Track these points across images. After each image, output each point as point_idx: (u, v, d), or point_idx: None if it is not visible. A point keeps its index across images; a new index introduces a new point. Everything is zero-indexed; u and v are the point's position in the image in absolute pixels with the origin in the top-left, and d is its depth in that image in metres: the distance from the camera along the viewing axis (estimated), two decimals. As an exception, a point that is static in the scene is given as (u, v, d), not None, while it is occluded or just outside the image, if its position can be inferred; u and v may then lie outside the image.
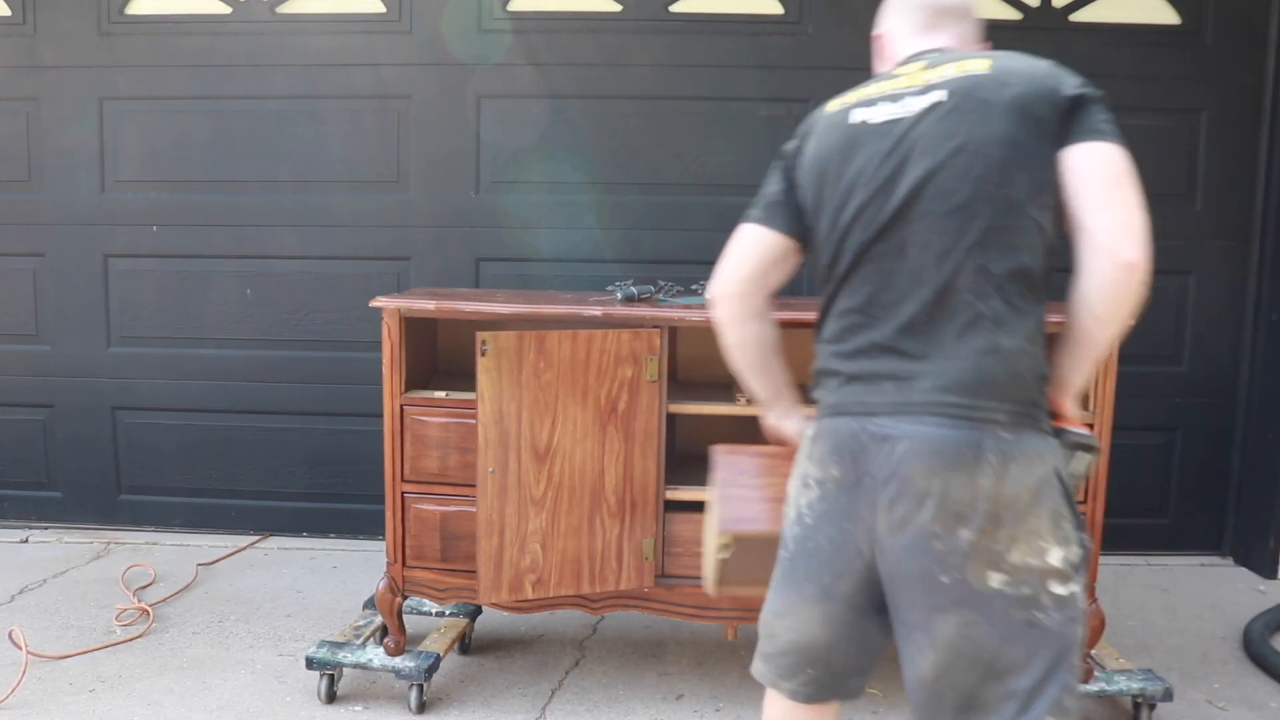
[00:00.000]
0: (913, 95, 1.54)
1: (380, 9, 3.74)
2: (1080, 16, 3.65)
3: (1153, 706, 2.50)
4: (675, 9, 3.69)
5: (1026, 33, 3.64)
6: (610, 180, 3.74)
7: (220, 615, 3.18)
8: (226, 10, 3.78)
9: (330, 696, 2.61)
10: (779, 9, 3.68)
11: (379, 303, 2.55)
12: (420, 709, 2.57)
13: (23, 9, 3.80)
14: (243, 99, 3.79)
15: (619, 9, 3.70)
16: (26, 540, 3.86)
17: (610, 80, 3.71)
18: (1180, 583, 3.57)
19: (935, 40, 1.68)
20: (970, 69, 1.52)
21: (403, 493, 2.57)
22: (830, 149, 1.61)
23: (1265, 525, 3.65)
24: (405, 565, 2.59)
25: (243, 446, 3.92)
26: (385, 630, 2.72)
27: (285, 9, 3.77)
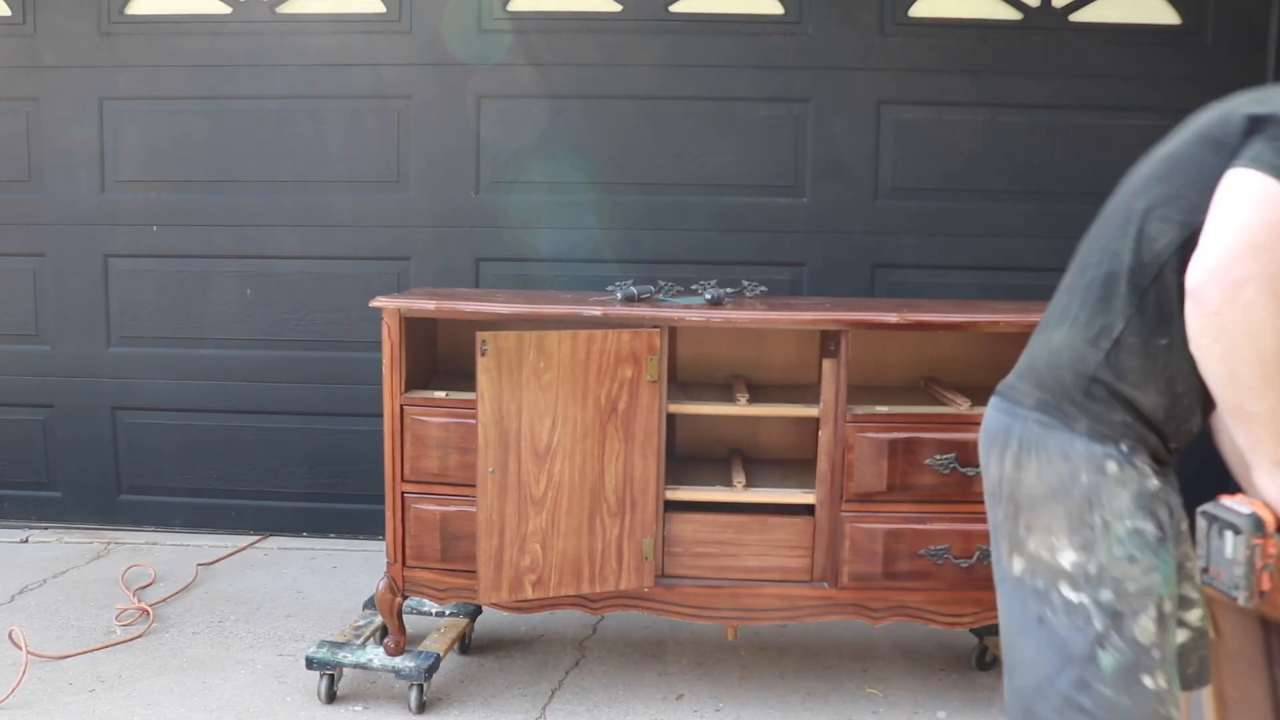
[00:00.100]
0: None
1: (380, 9, 3.74)
2: (1080, 16, 3.65)
3: (1153, 706, 2.50)
4: (675, 9, 3.69)
5: (1026, 33, 3.64)
6: (610, 180, 3.73)
7: (220, 615, 3.18)
8: (226, 10, 3.78)
9: (330, 696, 2.61)
10: (779, 9, 3.68)
11: (379, 303, 2.55)
12: (420, 709, 2.57)
13: (23, 9, 3.80)
14: (243, 99, 3.79)
15: (619, 9, 3.70)
16: (26, 540, 3.86)
17: (610, 80, 3.71)
18: (1180, 583, 3.56)
19: None
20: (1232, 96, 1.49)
21: (403, 493, 2.57)
22: None
23: (1265, 525, 3.64)
24: (405, 565, 2.59)
25: (243, 446, 3.91)
26: (385, 630, 2.72)
27: (285, 9, 3.77)
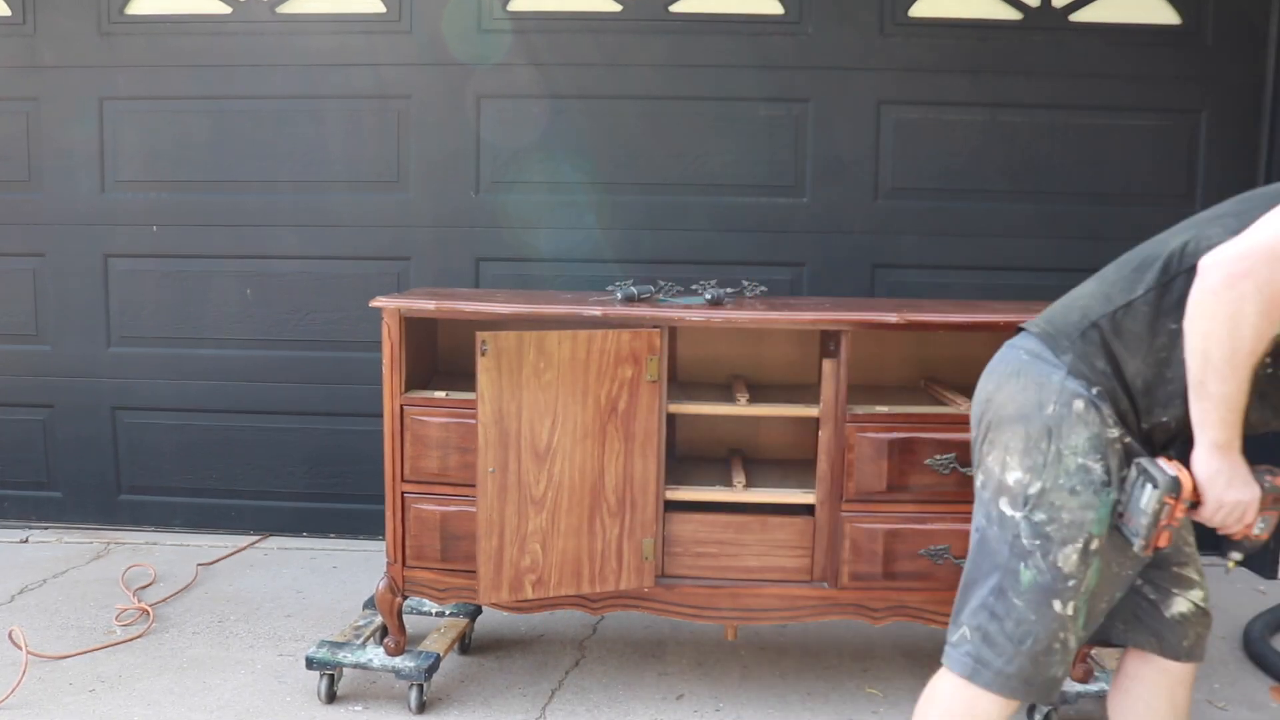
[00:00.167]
0: None
1: (380, 9, 3.74)
2: (1080, 16, 3.65)
3: (1153, 706, 2.50)
4: (675, 9, 3.69)
5: (1027, 33, 3.64)
6: (610, 180, 3.73)
7: (220, 615, 3.18)
8: (226, 10, 3.78)
9: (330, 696, 2.61)
10: (779, 9, 3.68)
11: (379, 303, 2.55)
12: (420, 709, 2.57)
13: (23, 9, 3.80)
14: (243, 99, 3.79)
15: (619, 9, 3.70)
16: (26, 540, 3.86)
17: (610, 80, 3.71)
18: (1180, 583, 3.56)
19: None
20: None
21: (403, 493, 2.57)
22: None
23: (1265, 525, 3.64)
24: (405, 565, 2.59)
25: (243, 446, 3.92)
26: (385, 630, 2.72)
27: (285, 9, 3.77)
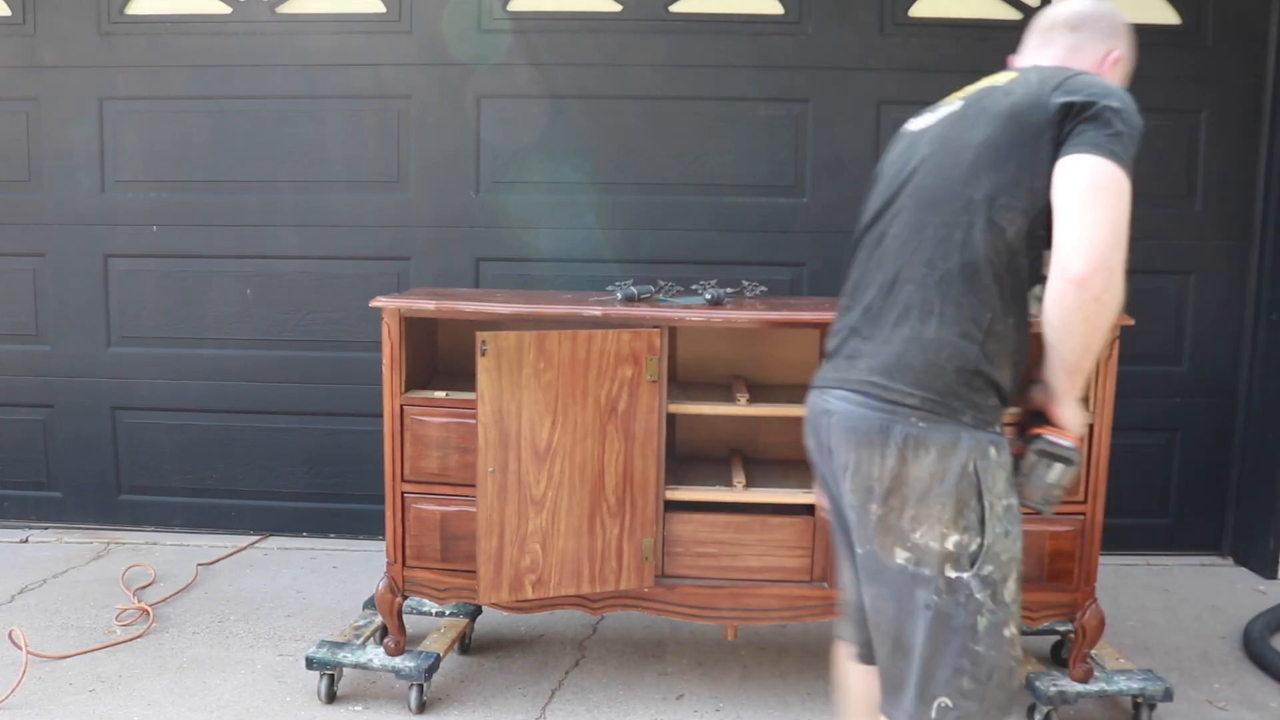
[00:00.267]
0: (945, 106, 1.68)
1: (380, 9, 3.74)
2: (1080, 16, 3.65)
3: (1153, 706, 2.50)
4: (675, 9, 3.69)
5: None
6: (610, 180, 3.73)
7: (220, 615, 3.18)
8: (226, 10, 3.78)
9: (330, 696, 2.62)
10: (779, 9, 3.68)
11: (379, 303, 2.55)
12: (420, 709, 2.57)
13: (23, 9, 3.80)
14: (243, 99, 3.79)
15: (619, 9, 3.70)
16: (26, 540, 3.87)
17: (610, 80, 3.71)
18: (1180, 583, 3.57)
19: (1040, 58, 1.69)
20: (995, 80, 1.61)
21: (403, 493, 2.57)
22: (887, 155, 1.77)
23: (1265, 525, 3.65)
24: (405, 565, 2.59)
25: (243, 446, 3.92)
26: (385, 630, 2.72)
27: (285, 9, 3.77)
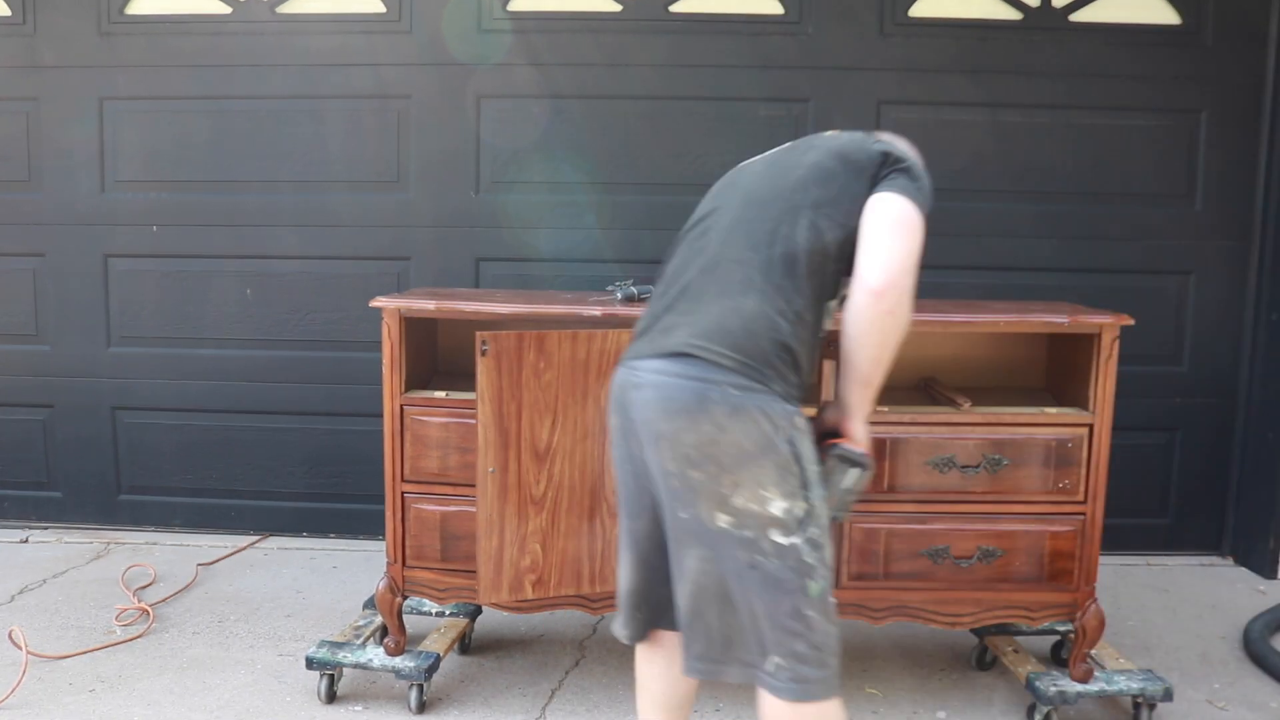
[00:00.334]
0: (772, 151, 1.90)
1: (380, 9, 3.74)
2: (1080, 16, 3.65)
3: (1153, 706, 2.50)
4: (675, 9, 3.69)
5: (1027, 33, 3.64)
6: (610, 180, 3.74)
7: (220, 615, 3.18)
8: (226, 10, 3.78)
9: (330, 696, 2.62)
10: (779, 9, 3.68)
11: (379, 303, 2.55)
12: (420, 709, 2.57)
13: (23, 9, 3.80)
14: (243, 99, 3.79)
15: (619, 9, 3.70)
16: (26, 540, 3.87)
17: (610, 80, 3.71)
18: (1180, 583, 3.57)
19: None
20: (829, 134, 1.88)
21: (403, 493, 2.57)
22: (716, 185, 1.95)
23: (1265, 525, 3.65)
24: (405, 565, 2.59)
25: (243, 446, 3.92)
26: (385, 630, 2.72)
27: (285, 9, 3.77)
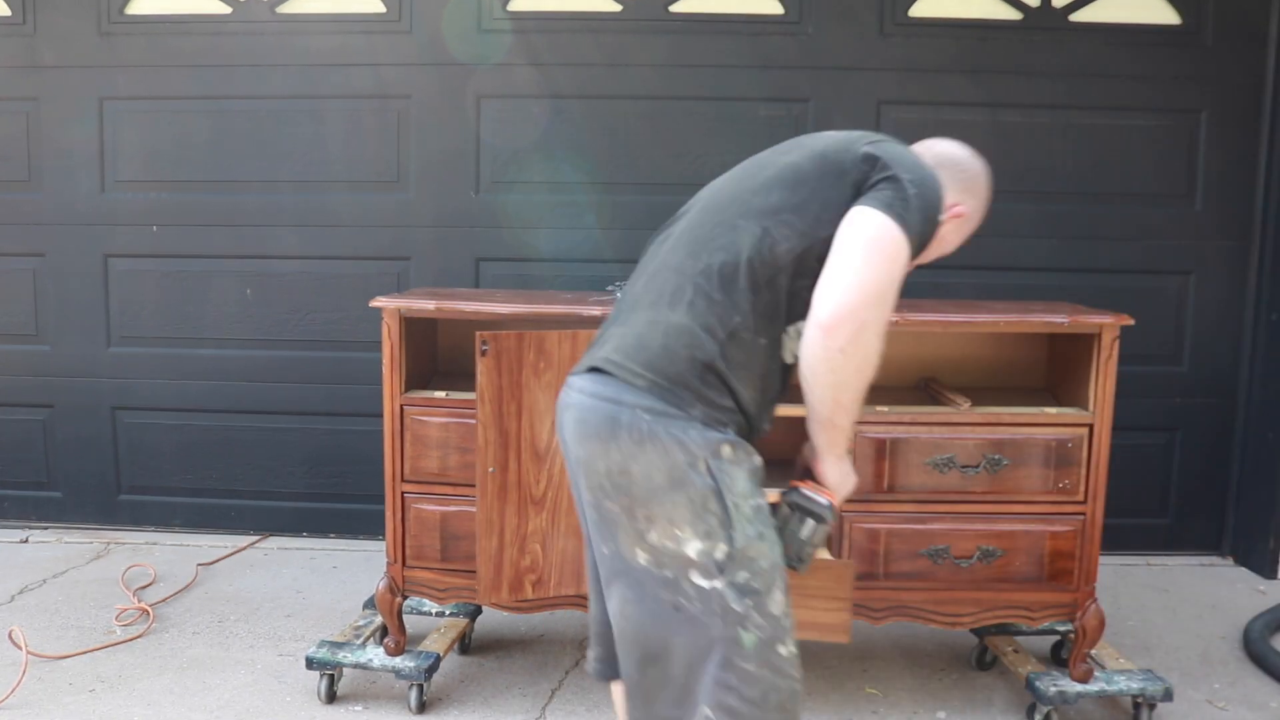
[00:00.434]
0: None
1: (380, 9, 3.74)
2: (1080, 16, 3.65)
3: (1153, 706, 2.50)
4: (675, 9, 3.69)
5: (1027, 33, 3.64)
6: (610, 180, 3.73)
7: (220, 615, 3.18)
8: (226, 10, 3.78)
9: (330, 696, 2.62)
10: (779, 9, 3.68)
11: (379, 303, 2.55)
12: (420, 709, 2.57)
13: (23, 9, 3.80)
14: (243, 99, 3.79)
15: (619, 9, 3.70)
16: (26, 540, 3.86)
17: (610, 80, 3.71)
18: (1180, 583, 3.57)
19: None
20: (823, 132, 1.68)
21: (403, 493, 2.57)
22: None
23: (1265, 525, 3.65)
24: (405, 565, 2.59)
25: (243, 446, 3.91)
26: (385, 630, 2.72)
27: (285, 9, 3.77)
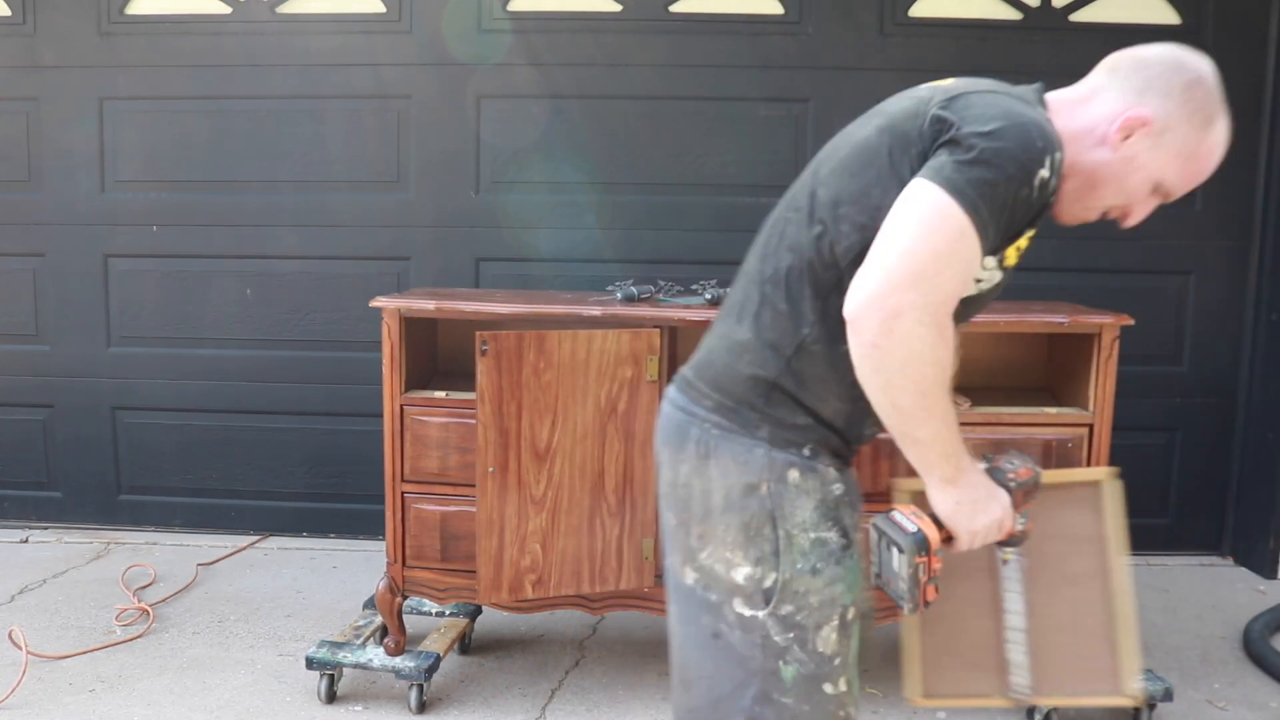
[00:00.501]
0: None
1: (380, 9, 3.74)
2: (1080, 16, 3.65)
3: (1153, 706, 2.50)
4: (675, 9, 3.69)
5: (1027, 33, 3.64)
6: (610, 180, 3.73)
7: (220, 615, 3.18)
8: (226, 10, 3.78)
9: (330, 696, 2.62)
10: (779, 9, 3.68)
11: (379, 303, 2.55)
12: (420, 709, 2.57)
13: (23, 9, 3.80)
14: (243, 99, 3.79)
15: (619, 9, 3.70)
16: (26, 540, 3.86)
17: (610, 80, 3.71)
18: (1180, 583, 3.57)
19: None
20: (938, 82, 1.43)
21: (403, 493, 2.57)
22: None
23: (1265, 525, 3.65)
24: (405, 565, 2.59)
25: (243, 446, 3.91)
26: (385, 630, 2.72)
27: (285, 9, 3.77)
